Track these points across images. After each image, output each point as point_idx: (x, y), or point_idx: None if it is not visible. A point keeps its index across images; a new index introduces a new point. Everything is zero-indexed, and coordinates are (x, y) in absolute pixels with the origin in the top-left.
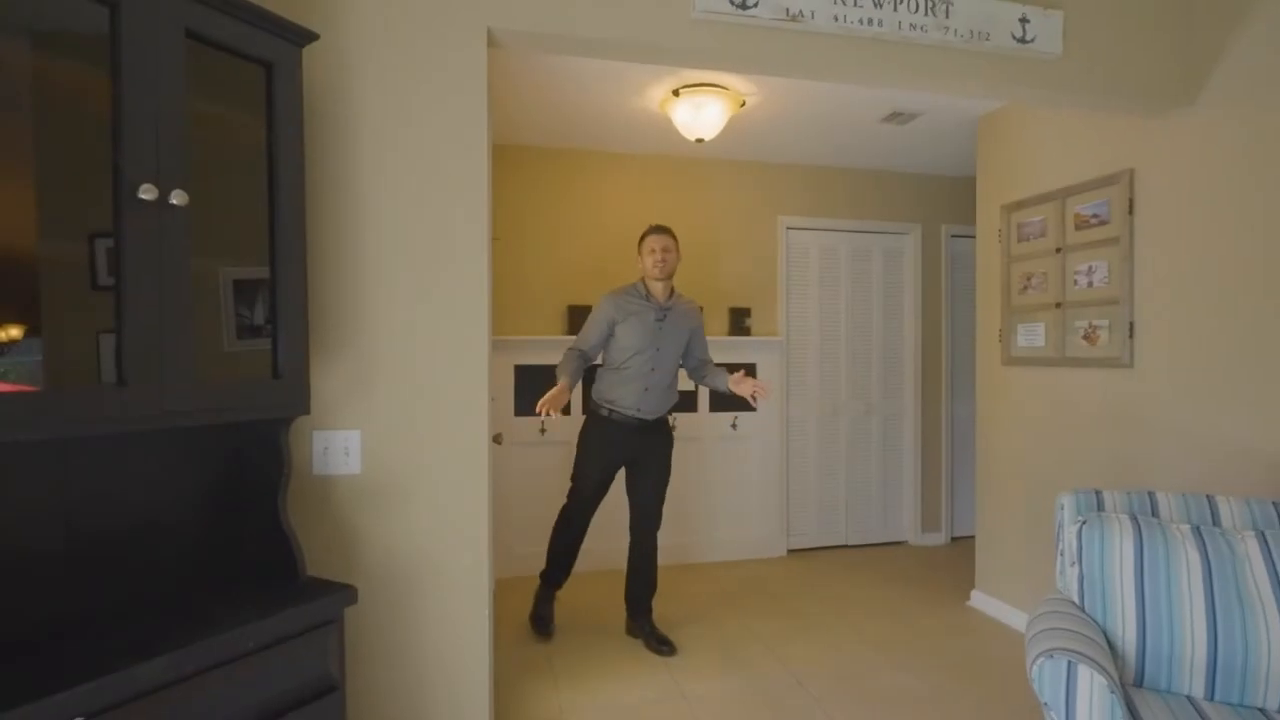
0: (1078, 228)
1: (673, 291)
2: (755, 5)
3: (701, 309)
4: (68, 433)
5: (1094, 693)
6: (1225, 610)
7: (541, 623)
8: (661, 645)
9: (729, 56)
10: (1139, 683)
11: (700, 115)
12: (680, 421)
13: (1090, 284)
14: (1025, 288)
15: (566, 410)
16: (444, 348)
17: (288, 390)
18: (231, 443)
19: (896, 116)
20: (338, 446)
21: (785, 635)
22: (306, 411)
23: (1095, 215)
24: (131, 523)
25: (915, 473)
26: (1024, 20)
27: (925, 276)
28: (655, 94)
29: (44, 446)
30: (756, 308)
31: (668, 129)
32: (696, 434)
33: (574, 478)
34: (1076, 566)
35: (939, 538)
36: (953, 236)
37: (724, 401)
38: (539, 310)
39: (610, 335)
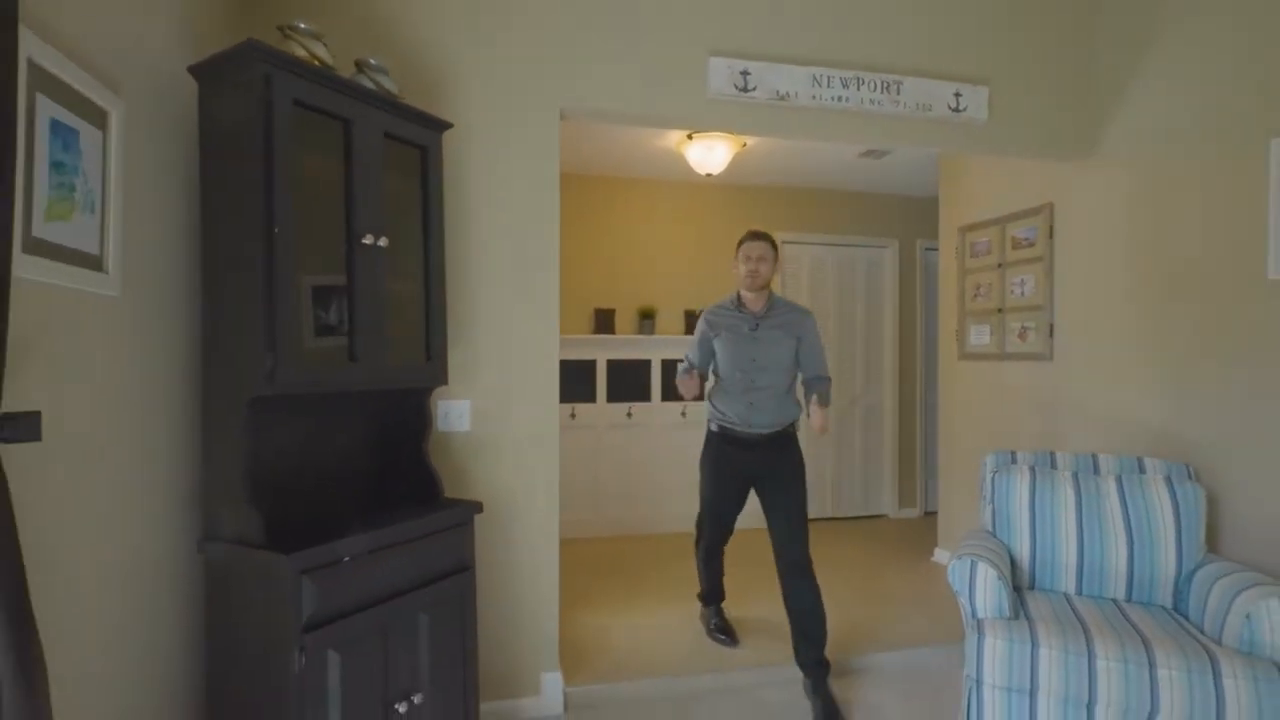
0: (1014, 247)
1: (770, 300)
2: (754, 89)
3: (810, 314)
4: (331, 388)
5: (988, 581)
6: (1089, 531)
7: (722, 634)
8: (831, 716)
9: (734, 124)
10: (1031, 585)
11: (710, 155)
12: (692, 410)
13: (1023, 293)
14: (976, 295)
15: (700, 395)
16: (527, 341)
17: (435, 368)
18: (389, 406)
19: (871, 153)
20: (455, 412)
21: (771, 579)
22: (446, 383)
23: (1027, 238)
24: (339, 458)
25: (893, 455)
26: (958, 94)
27: (902, 284)
28: (673, 137)
29: (299, 406)
30: None
31: (682, 162)
32: (699, 420)
33: (702, 501)
34: (990, 505)
35: (914, 511)
36: (925, 250)
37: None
38: (572, 314)
39: (713, 351)
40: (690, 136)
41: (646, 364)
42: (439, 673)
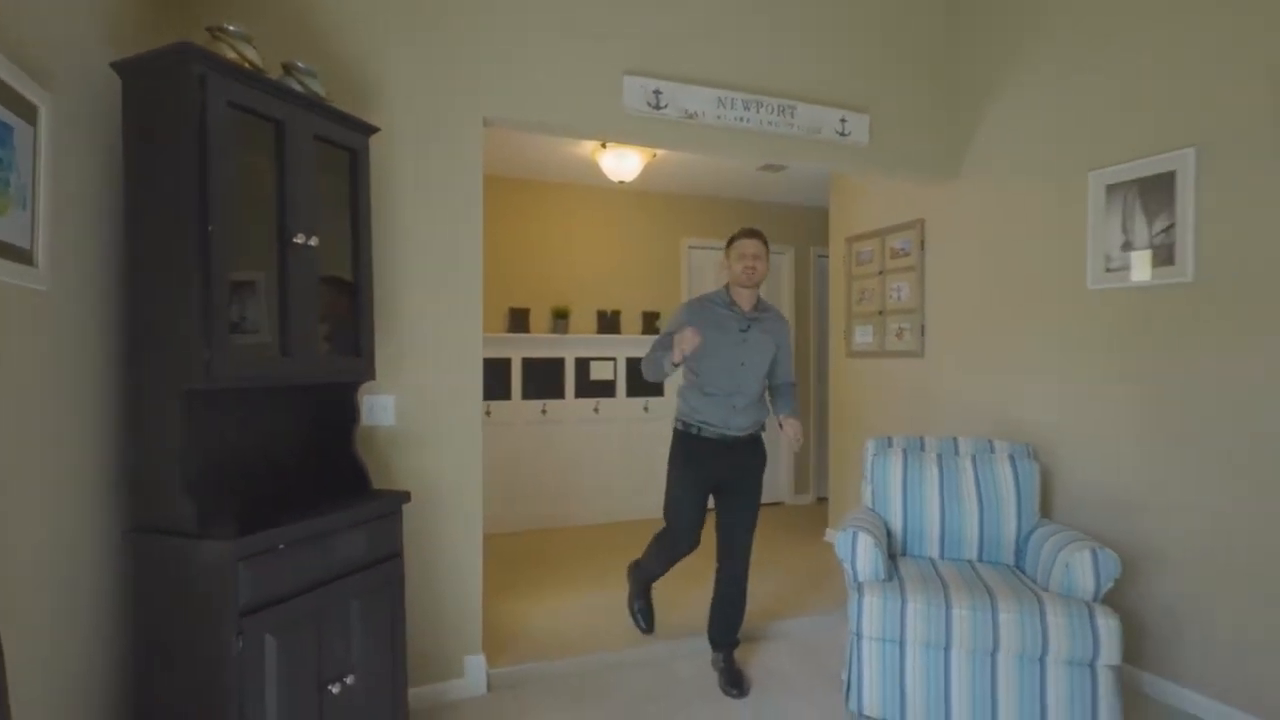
0: (892, 257)
1: (759, 301)
2: (666, 107)
3: (787, 320)
4: (264, 382)
5: (866, 549)
6: (949, 503)
7: (644, 618)
8: (730, 687)
9: (648, 138)
10: (904, 552)
11: (622, 164)
12: (605, 406)
13: (900, 298)
14: (860, 299)
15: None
16: (451, 338)
17: (364, 364)
18: (319, 400)
19: (770, 167)
20: (380, 406)
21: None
22: (374, 378)
23: (903, 248)
24: (270, 450)
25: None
26: (844, 120)
27: (798, 288)
28: (588, 145)
29: (231, 399)
30: (665, 311)
31: (597, 169)
32: (613, 415)
33: (666, 508)
34: (870, 484)
35: (808, 498)
36: (818, 257)
37: (596, 389)
38: (487, 312)
39: None
40: (604, 145)
41: (560, 362)
42: (370, 655)
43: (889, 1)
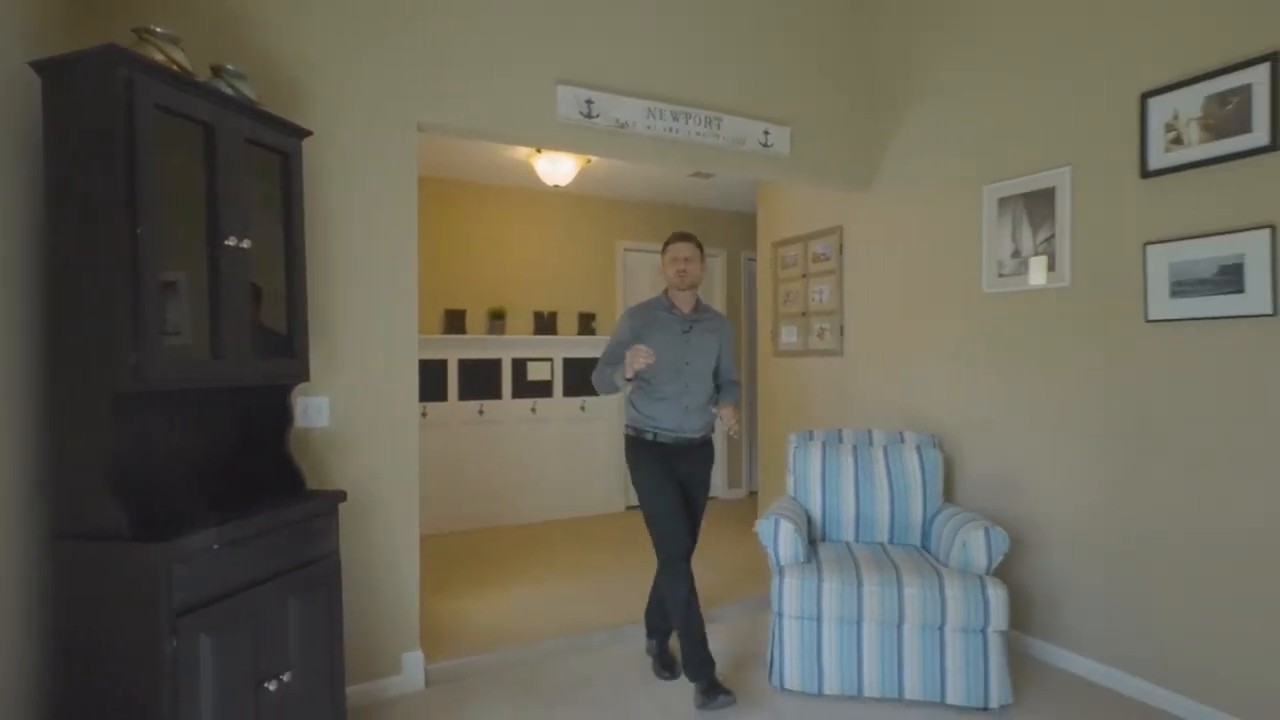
0: (815, 261)
1: (699, 303)
2: (597, 116)
3: (728, 320)
4: (195, 385)
5: (787, 535)
6: (864, 490)
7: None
8: (664, 670)
9: (580, 145)
10: (823, 537)
11: (556, 168)
12: (542, 406)
13: (821, 299)
14: (786, 301)
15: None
16: (386, 340)
17: (297, 365)
18: (251, 402)
19: (700, 175)
20: (314, 407)
21: (621, 555)
22: (308, 379)
23: (824, 253)
24: (203, 452)
25: (722, 444)
26: (767, 132)
27: (729, 290)
28: (523, 149)
29: (161, 401)
30: (601, 312)
31: (532, 172)
32: (550, 415)
33: (650, 518)
34: (792, 474)
35: (740, 492)
36: (748, 260)
37: (527, 389)
38: (423, 314)
39: None
40: (539, 150)
41: (497, 363)
42: (307, 653)
43: (810, 24)
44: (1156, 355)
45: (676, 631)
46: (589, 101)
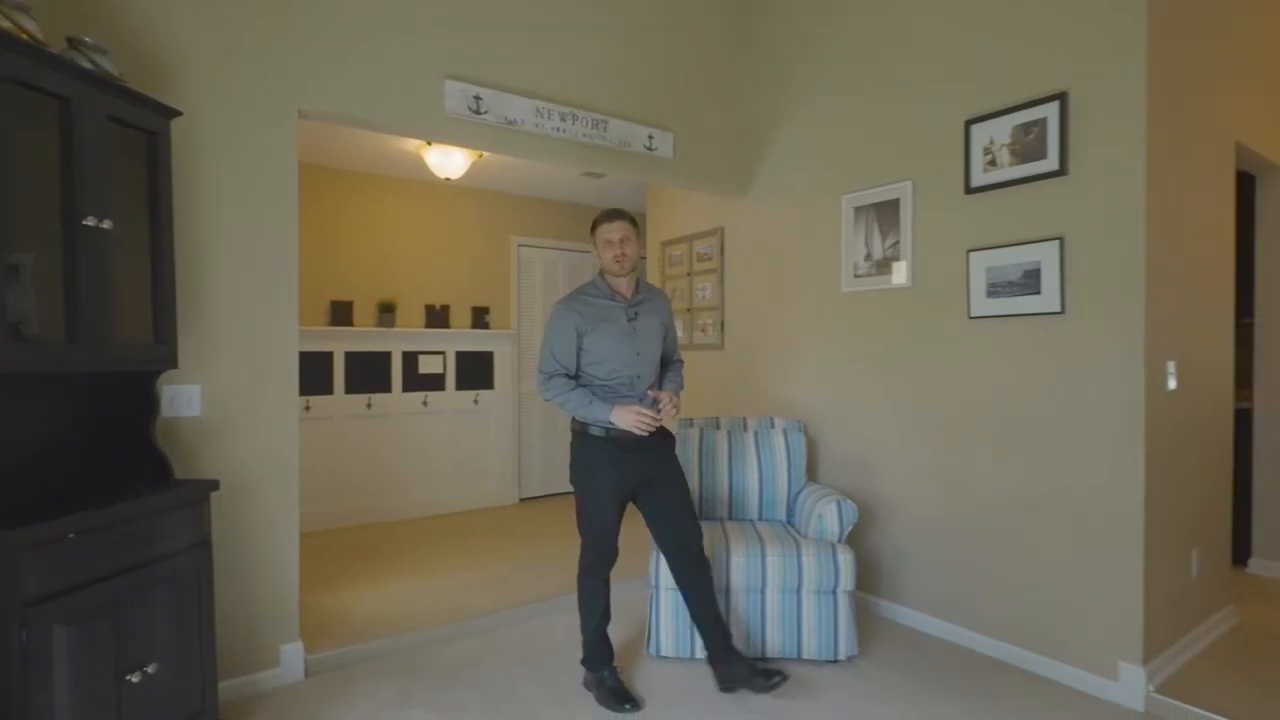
0: (699, 260)
1: (639, 283)
2: (486, 113)
3: (664, 292)
4: (51, 369)
5: None
6: (736, 472)
7: (626, 701)
8: (771, 679)
9: (469, 140)
10: (700, 516)
11: (447, 161)
12: (434, 399)
13: (704, 296)
14: (673, 298)
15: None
16: (264, 329)
17: (164, 351)
18: (114, 388)
19: (591, 174)
20: (184, 396)
21: (514, 546)
22: (175, 366)
23: (707, 253)
24: (60, 439)
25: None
26: (651, 137)
27: None
28: (413, 141)
29: (21, 386)
30: (494, 306)
31: (423, 164)
32: (442, 408)
33: (582, 525)
34: None
35: None
36: (641, 258)
37: (421, 382)
38: (307, 305)
39: (580, 348)
40: (429, 143)
41: (387, 356)
42: (175, 645)
43: (697, 38)
44: (976, 347)
45: (583, 632)
46: (477, 98)
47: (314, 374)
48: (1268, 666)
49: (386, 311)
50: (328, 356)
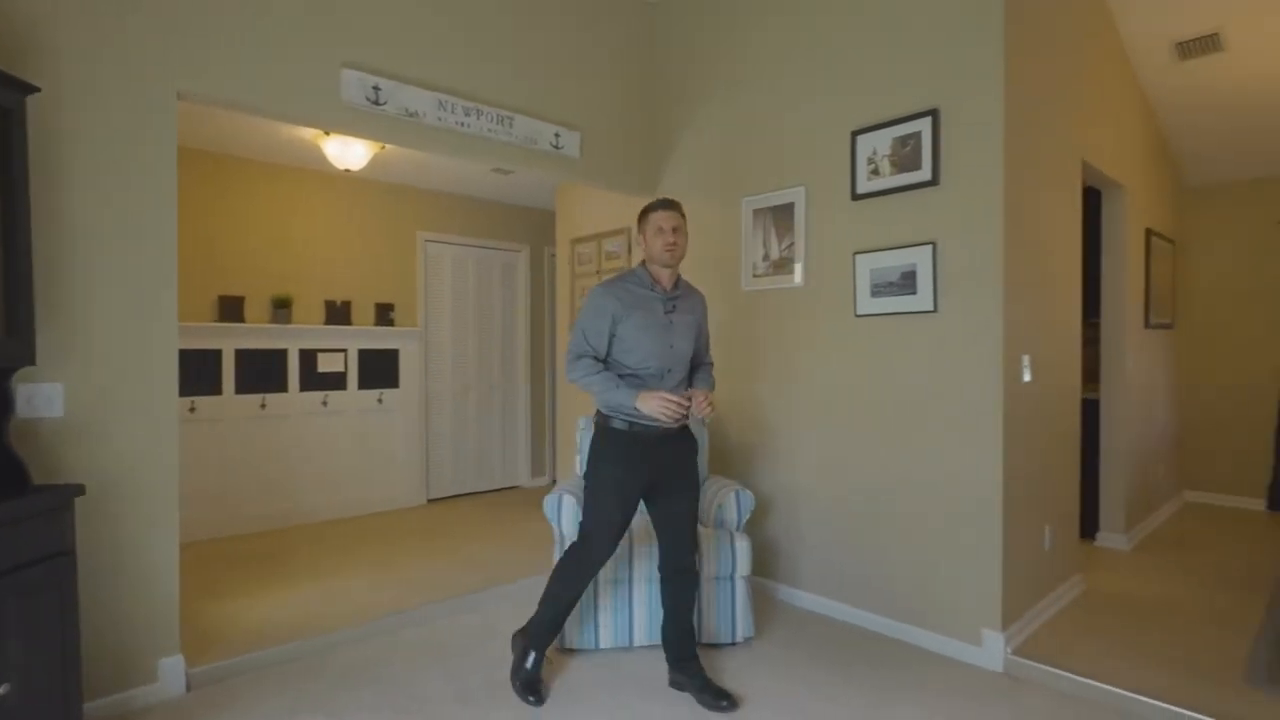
0: (607, 259)
1: (679, 279)
2: (385, 104)
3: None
4: None
5: (569, 509)
6: None
7: (532, 687)
8: (720, 700)
9: (368, 131)
10: None
11: (347, 151)
12: (335, 399)
13: None
14: (582, 295)
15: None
16: (137, 324)
17: (18, 346)
18: None
19: (500, 170)
20: (44, 395)
21: (420, 547)
22: (33, 363)
23: (616, 251)
24: None
25: (527, 433)
26: (557, 134)
27: (533, 284)
28: (310, 129)
29: None
30: (399, 304)
31: (322, 154)
32: (344, 408)
33: (587, 516)
34: (580, 454)
35: (544, 480)
36: (551, 256)
37: (320, 381)
38: (192, 300)
39: (611, 334)
40: (327, 132)
41: (283, 354)
42: (31, 663)
43: (600, 38)
44: (862, 343)
45: (539, 613)
46: (376, 88)
47: (200, 373)
48: (1108, 626)
49: (282, 307)
50: (216, 355)
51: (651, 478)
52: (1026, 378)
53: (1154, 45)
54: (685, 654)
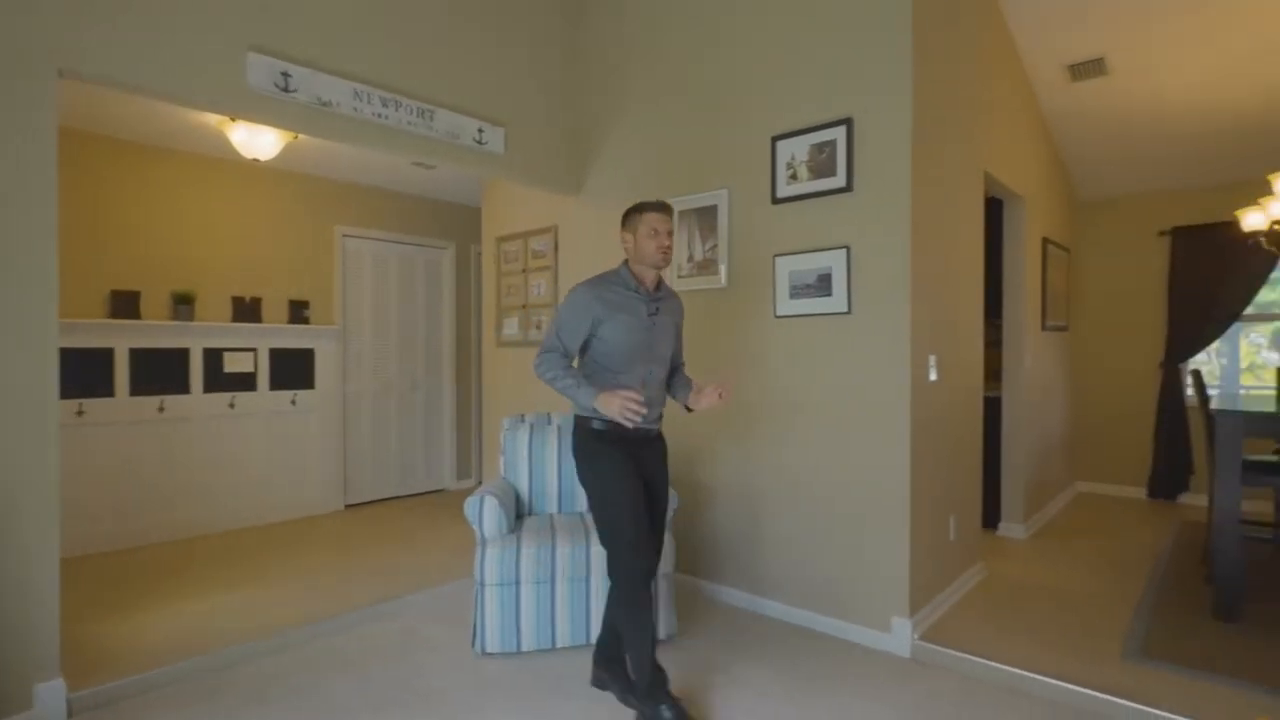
0: (534, 257)
1: (661, 280)
2: (296, 91)
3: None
4: None
5: (491, 510)
6: (567, 465)
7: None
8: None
9: (277, 119)
10: (530, 512)
11: (256, 140)
12: (244, 401)
13: (539, 293)
14: (508, 294)
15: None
16: (11, 321)
17: None
18: None
19: (422, 164)
20: None
21: (337, 554)
22: None
23: (542, 250)
24: None
25: (452, 434)
26: (481, 130)
27: (459, 282)
28: (214, 115)
29: None
30: (315, 301)
31: (228, 141)
32: (253, 410)
33: (610, 533)
34: (503, 455)
35: (471, 481)
36: (477, 253)
37: (226, 382)
38: (79, 295)
39: (592, 335)
40: (233, 118)
41: (184, 353)
42: None
43: (526, 35)
44: (782, 343)
45: (632, 663)
46: (286, 74)
47: (88, 373)
48: (1006, 610)
49: (183, 304)
50: (107, 354)
51: (644, 478)
52: (933, 377)
53: (1048, 67)
54: (619, 653)
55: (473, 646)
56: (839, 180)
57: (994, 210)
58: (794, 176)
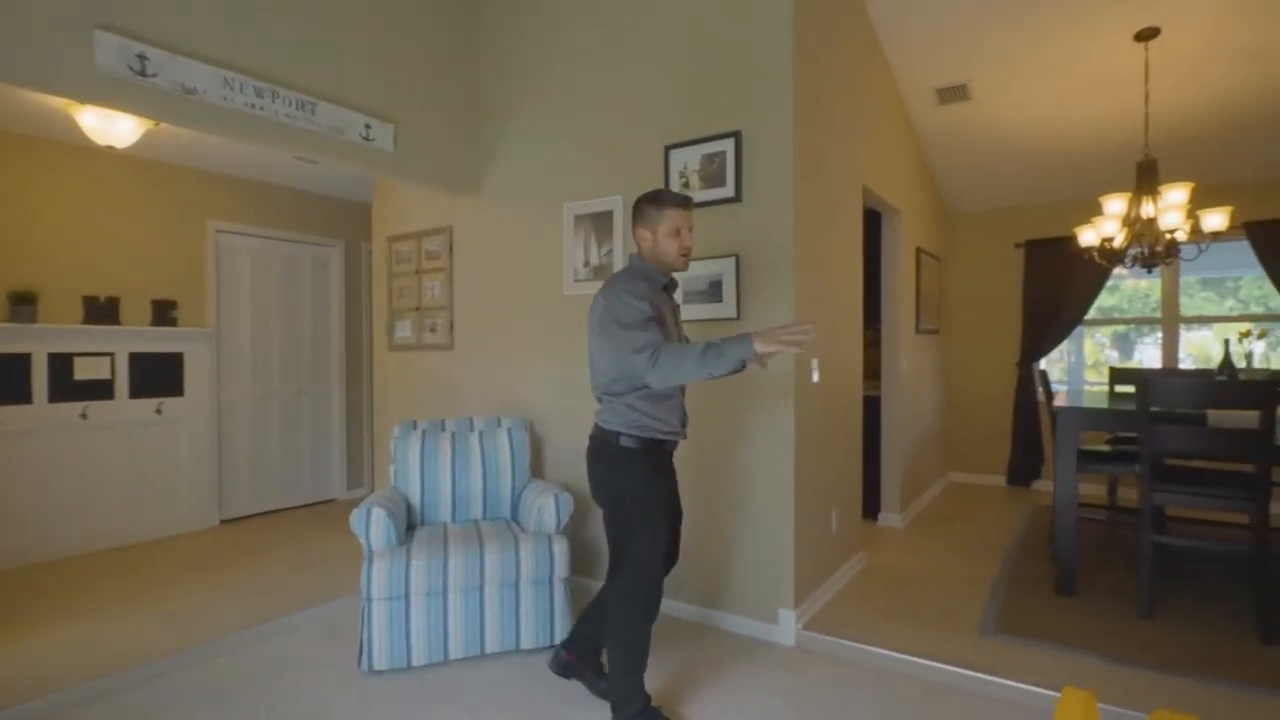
0: (428, 258)
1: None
2: (155, 75)
3: None
4: None
5: (379, 522)
6: (459, 473)
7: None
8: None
9: (132, 105)
10: (422, 521)
11: (110, 125)
12: (98, 411)
13: (434, 295)
14: (400, 296)
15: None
16: None
17: None
18: None
19: (304, 158)
20: None
21: (207, 574)
22: None
23: (436, 251)
24: None
25: (341, 441)
26: (368, 125)
27: (348, 282)
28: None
29: None
30: (184, 301)
31: (79, 127)
32: (110, 421)
33: (638, 546)
34: (394, 464)
35: (363, 490)
36: (368, 252)
37: (75, 391)
38: None
39: None
40: (81, 103)
41: (25, 358)
42: None
43: (419, 29)
44: None
45: (626, 678)
46: (142, 57)
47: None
48: (884, 596)
49: (23, 304)
50: None
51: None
52: (815, 378)
53: (919, 90)
54: (598, 658)
55: (359, 665)
56: (728, 190)
57: (872, 221)
58: (686, 185)
